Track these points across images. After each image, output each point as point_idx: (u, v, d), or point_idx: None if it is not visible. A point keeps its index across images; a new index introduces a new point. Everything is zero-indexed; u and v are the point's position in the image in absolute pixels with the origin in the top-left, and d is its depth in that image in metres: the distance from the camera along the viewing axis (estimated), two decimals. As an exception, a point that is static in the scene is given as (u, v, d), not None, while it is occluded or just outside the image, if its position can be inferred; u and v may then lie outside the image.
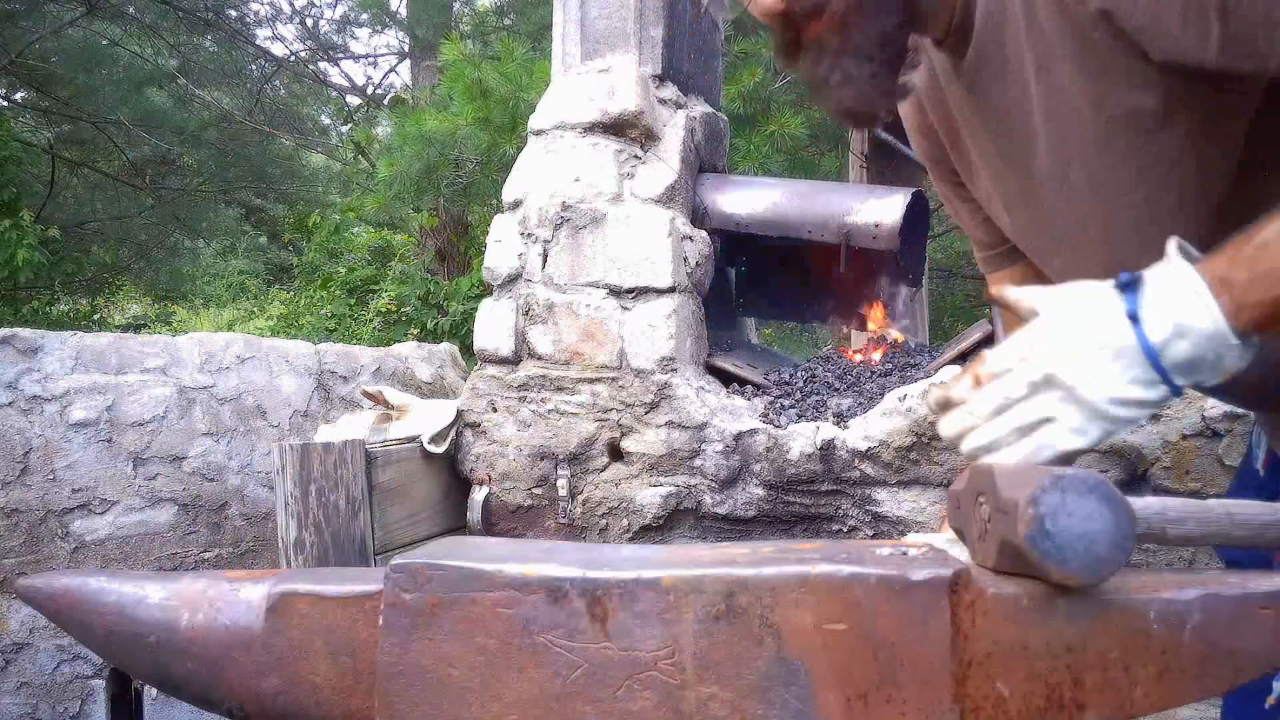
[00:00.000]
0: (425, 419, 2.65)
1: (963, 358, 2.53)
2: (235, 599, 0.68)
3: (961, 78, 0.94)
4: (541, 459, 2.59)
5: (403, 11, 8.79)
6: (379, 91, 10.69)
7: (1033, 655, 0.58)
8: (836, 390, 2.63)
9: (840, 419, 2.45)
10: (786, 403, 2.58)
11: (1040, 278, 1.06)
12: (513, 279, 2.72)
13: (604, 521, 2.55)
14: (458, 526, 2.68)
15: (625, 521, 2.53)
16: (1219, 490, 2.03)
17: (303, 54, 10.56)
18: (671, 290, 2.56)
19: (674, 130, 2.76)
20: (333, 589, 0.66)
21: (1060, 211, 0.93)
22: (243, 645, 0.66)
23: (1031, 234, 1.01)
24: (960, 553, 0.86)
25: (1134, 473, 2.14)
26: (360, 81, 11.29)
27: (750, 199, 2.83)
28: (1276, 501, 0.95)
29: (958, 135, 1.02)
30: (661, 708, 0.59)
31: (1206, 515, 0.60)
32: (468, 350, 3.51)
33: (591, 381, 2.58)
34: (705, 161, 2.93)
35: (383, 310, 6.58)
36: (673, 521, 2.52)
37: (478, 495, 2.65)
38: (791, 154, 4.96)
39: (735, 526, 2.49)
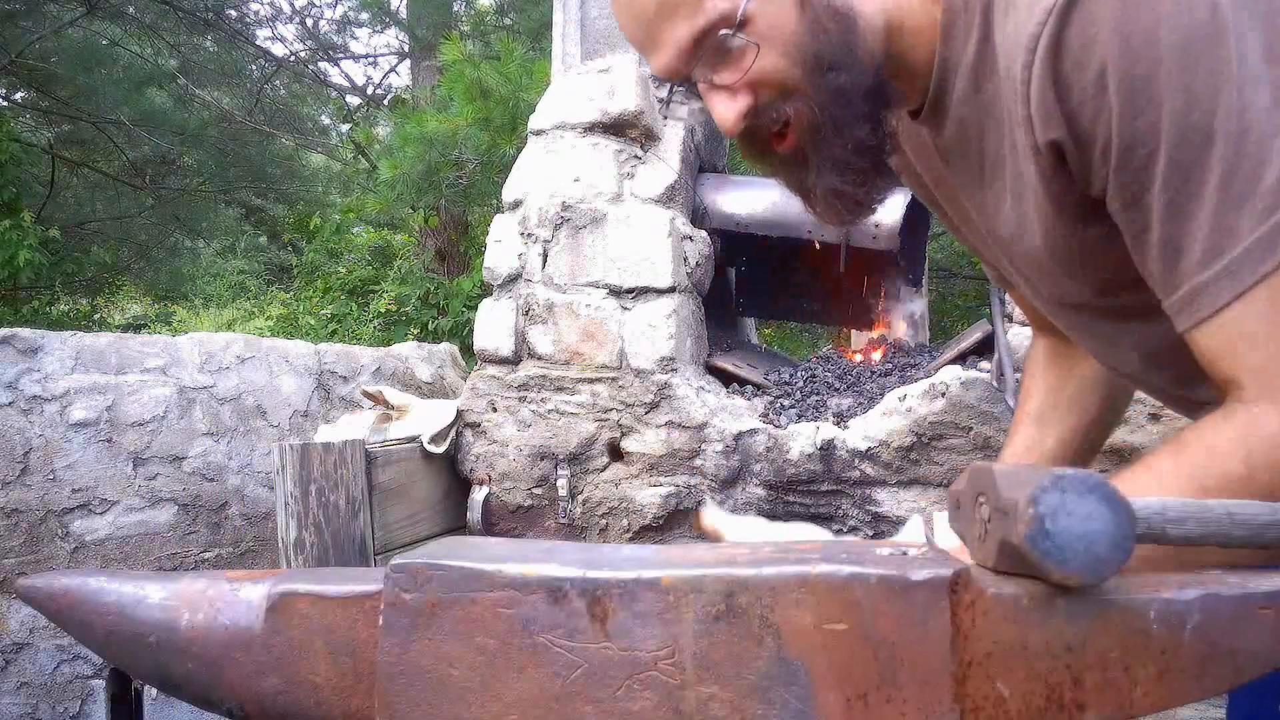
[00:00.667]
0: (425, 419, 2.65)
1: (963, 358, 2.53)
2: (235, 599, 0.68)
3: (939, 151, 0.94)
4: (541, 459, 2.59)
5: (403, 11, 8.80)
6: (379, 91, 10.69)
7: (1033, 655, 0.58)
8: (836, 390, 2.63)
9: (840, 419, 2.45)
10: (786, 403, 2.58)
11: None
12: (513, 279, 2.72)
13: (604, 521, 2.55)
14: (458, 526, 2.68)
15: (625, 521, 2.53)
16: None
17: (303, 54, 10.56)
18: (671, 290, 2.56)
19: (674, 130, 2.76)
20: (333, 589, 0.66)
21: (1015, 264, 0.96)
22: (243, 645, 0.66)
23: (1000, 269, 1.04)
24: (936, 533, 0.90)
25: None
26: (360, 81, 11.30)
27: (750, 199, 2.83)
28: None
29: (937, 188, 1.03)
30: (661, 708, 0.59)
31: (1206, 515, 0.60)
32: (468, 350, 3.51)
33: (591, 381, 2.58)
34: (705, 161, 2.93)
35: (383, 310, 6.58)
36: (673, 521, 2.52)
37: (478, 495, 2.65)
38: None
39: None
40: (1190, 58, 0.67)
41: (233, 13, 9.83)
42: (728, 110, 0.84)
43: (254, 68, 10.30)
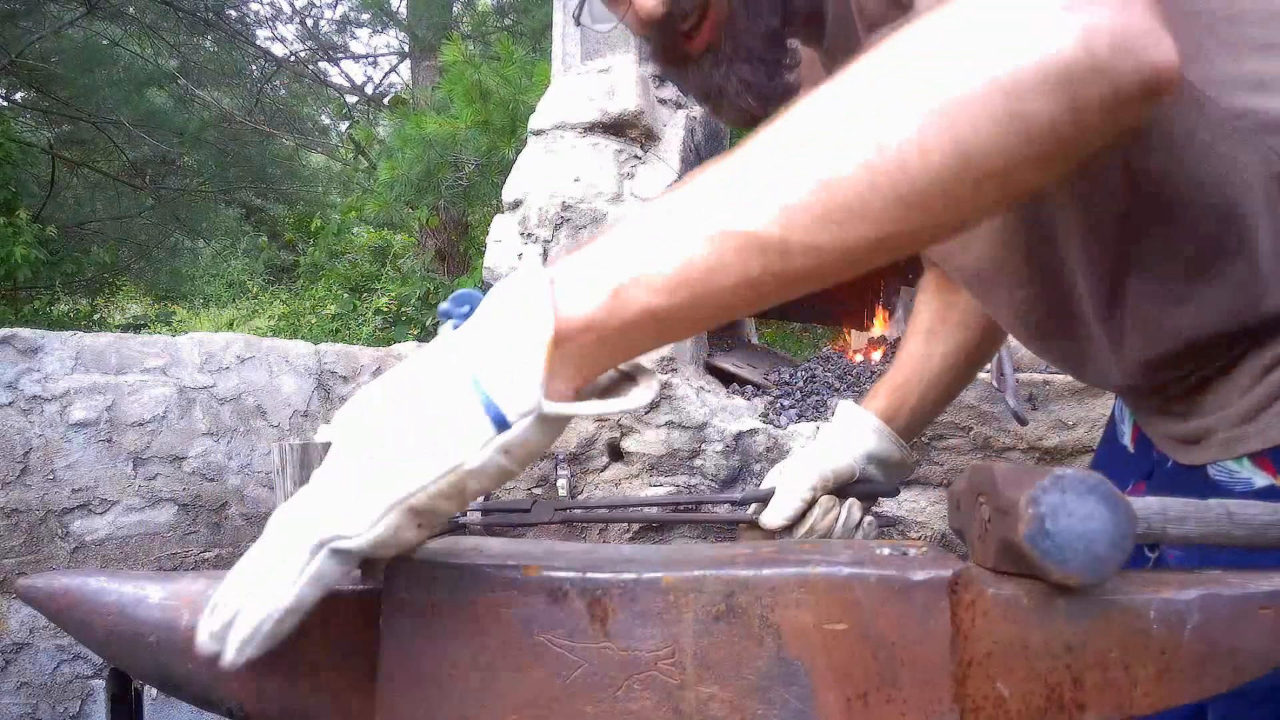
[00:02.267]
0: (425, 419, 2.65)
1: (963, 358, 2.53)
2: (235, 599, 0.68)
3: (824, 66, 0.95)
4: (541, 458, 2.59)
5: (403, 11, 8.79)
6: (379, 91, 10.69)
7: (1033, 655, 0.58)
8: (836, 390, 2.63)
9: (840, 419, 2.45)
10: (786, 403, 2.58)
11: None
12: (513, 279, 2.72)
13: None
14: (458, 526, 2.68)
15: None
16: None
17: (303, 54, 10.56)
18: (671, 290, 2.56)
19: (674, 130, 2.76)
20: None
21: None
22: (243, 645, 0.66)
23: None
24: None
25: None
26: (360, 81, 11.30)
27: (750, 199, 2.83)
28: (1150, 477, 0.94)
29: None
30: (661, 708, 0.59)
31: (1206, 515, 0.60)
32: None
33: (591, 381, 2.58)
34: (705, 161, 2.93)
35: (383, 310, 6.58)
36: (673, 521, 2.52)
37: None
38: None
39: (735, 527, 2.49)
40: None
41: (233, 13, 9.83)
42: (642, 2, 0.85)
43: (254, 68, 10.30)
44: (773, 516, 1.11)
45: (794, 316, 3.90)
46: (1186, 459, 0.87)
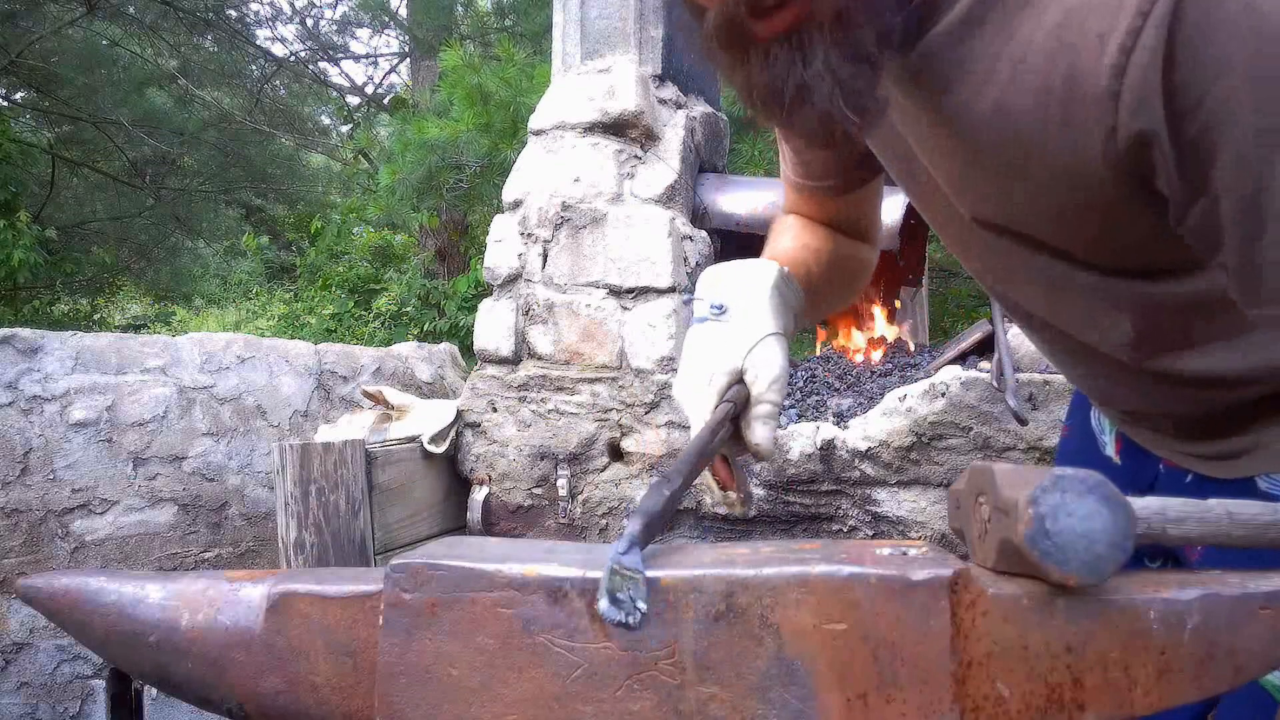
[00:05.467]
0: (425, 419, 2.65)
1: (963, 358, 2.53)
2: (235, 599, 0.68)
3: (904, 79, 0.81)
4: (541, 459, 2.59)
5: (403, 12, 8.80)
6: (379, 91, 10.70)
7: (1033, 655, 0.58)
8: (836, 390, 2.63)
9: (840, 419, 2.45)
10: (786, 403, 2.58)
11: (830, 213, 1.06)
12: (513, 279, 2.72)
13: (604, 521, 2.55)
14: (458, 526, 2.68)
15: (625, 521, 2.52)
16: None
17: (303, 54, 10.56)
18: (671, 290, 2.56)
19: (674, 130, 2.76)
20: (333, 589, 0.66)
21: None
22: (243, 645, 0.66)
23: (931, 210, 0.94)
24: None
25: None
26: (360, 81, 11.30)
27: (751, 199, 2.83)
28: (1151, 488, 0.95)
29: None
30: (661, 708, 0.59)
31: (1206, 515, 0.60)
32: (468, 350, 3.51)
33: (591, 381, 2.58)
34: (705, 161, 2.93)
35: (383, 310, 6.59)
36: (673, 521, 2.52)
37: (478, 495, 2.65)
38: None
39: (735, 526, 2.49)
40: None
41: (233, 13, 9.83)
42: None
43: (254, 68, 10.31)
44: (766, 440, 0.89)
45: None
46: (1222, 473, 0.89)
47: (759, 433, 0.87)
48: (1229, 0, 0.60)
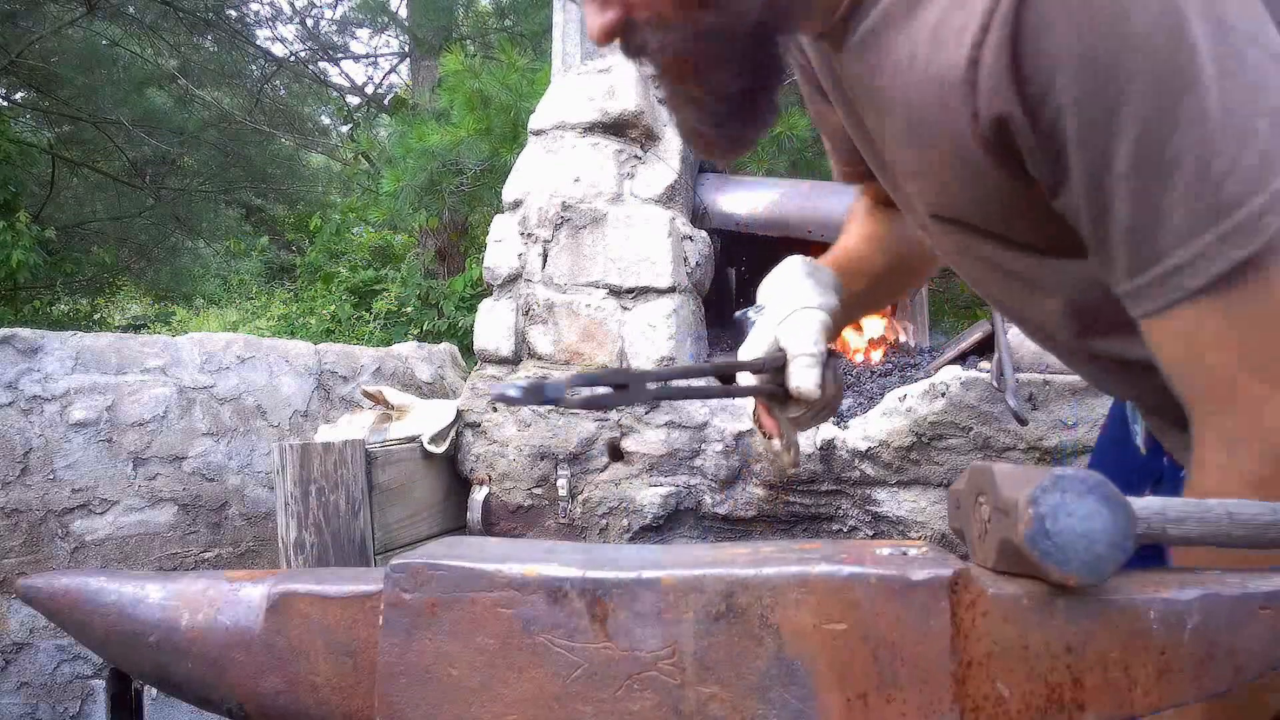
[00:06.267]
0: (425, 419, 2.65)
1: (963, 358, 2.53)
2: (235, 599, 0.68)
3: (840, 63, 0.88)
4: (541, 459, 2.59)
5: (403, 12, 8.79)
6: (379, 91, 10.70)
7: (1033, 655, 0.58)
8: (836, 390, 2.63)
9: (840, 419, 2.45)
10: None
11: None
12: (513, 279, 2.72)
13: (604, 521, 2.55)
14: (458, 526, 2.68)
15: (625, 521, 2.53)
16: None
17: (303, 54, 10.56)
18: (671, 290, 2.56)
19: (674, 130, 2.76)
20: (333, 589, 0.66)
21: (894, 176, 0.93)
22: (243, 645, 0.66)
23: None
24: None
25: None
26: (360, 81, 11.30)
27: (750, 199, 2.83)
28: (1160, 481, 0.94)
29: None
30: (661, 708, 0.59)
31: (1207, 515, 0.60)
32: (468, 350, 3.51)
33: (591, 381, 2.58)
34: (705, 161, 2.93)
35: (383, 311, 6.59)
36: (673, 521, 2.52)
37: (478, 495, 2.65)
38: (796, 154, 4.96)
39: (735, 526, 2.49)
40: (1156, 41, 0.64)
41: (233, 13, 9.83)
42: (594, 19, 0.80)
43: (254, 68, 10.31)
44: (807, 383, 0.96)
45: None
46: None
47: (797, 377, 0.96)
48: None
